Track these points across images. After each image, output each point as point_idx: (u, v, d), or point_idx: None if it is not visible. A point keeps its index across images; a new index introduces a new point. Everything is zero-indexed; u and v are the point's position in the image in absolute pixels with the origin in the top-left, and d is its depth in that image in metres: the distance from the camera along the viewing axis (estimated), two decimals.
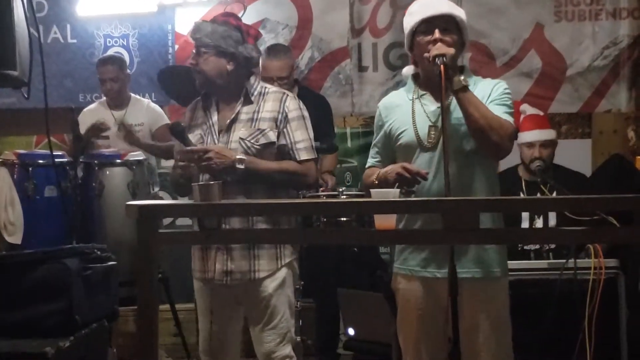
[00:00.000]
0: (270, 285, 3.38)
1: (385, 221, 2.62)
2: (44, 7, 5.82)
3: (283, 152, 3.40)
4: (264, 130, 3.36)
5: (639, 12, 5.56)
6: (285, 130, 3.39)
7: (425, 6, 3.18)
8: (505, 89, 3.18)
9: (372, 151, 3.35)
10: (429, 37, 3.09)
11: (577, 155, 5.56)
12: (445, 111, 2.95)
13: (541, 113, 5.08)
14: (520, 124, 5.04)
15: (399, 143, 3.19)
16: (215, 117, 3.45)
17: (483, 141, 3.04)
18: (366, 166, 3.36)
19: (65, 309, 2.95)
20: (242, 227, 3.21)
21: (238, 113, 3.40)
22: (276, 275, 3.39)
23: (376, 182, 3.09)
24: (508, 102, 3.17)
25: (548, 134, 4.77)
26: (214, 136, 3.40)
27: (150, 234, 2.46)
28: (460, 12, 3.18)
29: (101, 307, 3.22)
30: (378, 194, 2.70)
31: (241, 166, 3.27)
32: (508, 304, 3.23)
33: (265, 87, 3.50)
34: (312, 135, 3.48)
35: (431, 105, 3.15)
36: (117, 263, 3.54)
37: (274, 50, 5.01)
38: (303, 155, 3.40)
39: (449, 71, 2.96)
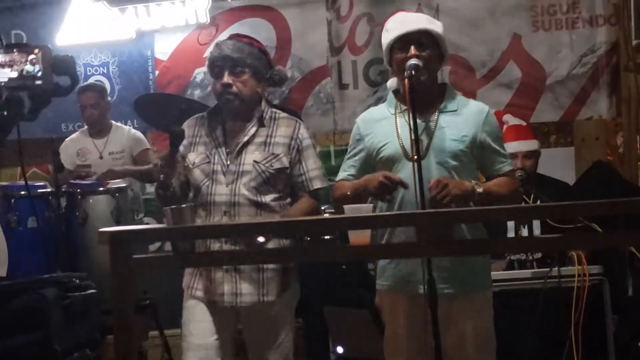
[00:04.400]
0: (277, 306, 3.35)
1: (359, 237, 2.61)
2: (23, 38, 5.83)
3: (295, 181, 3.39)
4: (278, 155, 3.33)
5: (615, 18, 5.58)
6: (298, 158, 3.36)
7: (400, 22, 3.20)
8: (497, 125, 3.26)
9: (345, 165, 3.33)
10: (404, 54, 3.11)
11: (560, 164, 5.57)
12: (416, 123, 2.96)
13: (524, 123, 5.08)
14: (503, 134, 5.05)
15: (380, 156, 3.19)
16: (222, 138, 3.36)
17: None
18: (336, 179, 3.34)
19: (44, 339, 2.95)
20: (222, 249, 3.15)
21: (253, 136, 3.34)
22: (284, 297, 3.37)
23: (349, 193, 3.09)
24: (503, 145, 3.27)
25: (530, 144, 4.77)
26: (222, 156, 3.33)
27: (124, 259, 2.45)
28: (436, 26, 3.18)
29: (82, 335, 3.22)
30: (351, 210, 2.69)
31: None
32: (492, 316, 3.23)
33: (275, 112, 3.45)
34: (320, 163, 3.48)
35: None
36: (103, 291, 3.53)
37: None
38: (316, 184, 3.39)
39: (419, 85, 2.97)
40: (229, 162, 3.32)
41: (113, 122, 5.56)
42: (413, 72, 3.00)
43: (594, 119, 5.70)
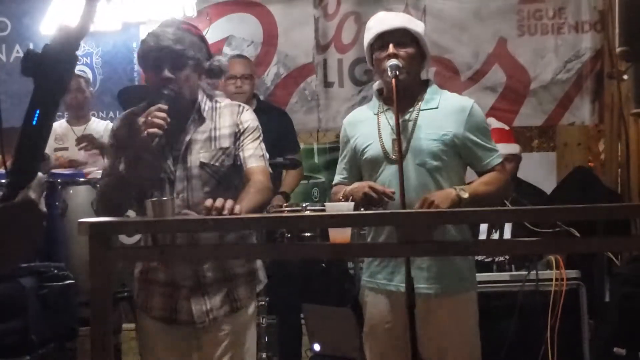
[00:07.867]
0: (247, 314, 3.07)
1: (339, 235, 2.61)
2: (7, 26, 5.82)
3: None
4: (227, 149, 2.99)
5: (600, 25, 5.61)
6: (239, 141, 3.01)
7: (380, 21, 3.20)
8: (482, 119, 3.20)
9: (339, 168, 3.36)
10: (384, 53, 3.11)
11: (542, 168, 5.60)
12: (399, 124, 2.97)
13: (506, 127, 5.12)
14: None
15: (364, 157, 3.19)
16: (164, 139, 2.89)
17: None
18: (332, 183, 3.37)
19: (21, 329, 2.92)
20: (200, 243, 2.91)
21: (195, 132, 2.99)
22: (252, 304, 3.09)
23: (342, 199, 3.05)
24: (490, 138, 3.19)
25: (511, 148, 4.81)
26: (168, 162, 2.97)
27: (103, 251, 2.43)
28: (416, 25, 3.19)
29: (59, 325, 3.19)
30: (332, 208, 2.69)
31: None
32: (476, 319, 3.23)
33: (216, 101, 3.08)
34: (263, 147, 3.06)
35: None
36: (82, 283, 3.51)
37: (235, 55, 5.25)
38: (250, 163, 2.97)
39: (399, 85, 2.97)
40: (175, 169, 2.97)
41: (93, 117, 5.57)
42: (397, 73, 3.01)
43: (576, 124, 5.73)
